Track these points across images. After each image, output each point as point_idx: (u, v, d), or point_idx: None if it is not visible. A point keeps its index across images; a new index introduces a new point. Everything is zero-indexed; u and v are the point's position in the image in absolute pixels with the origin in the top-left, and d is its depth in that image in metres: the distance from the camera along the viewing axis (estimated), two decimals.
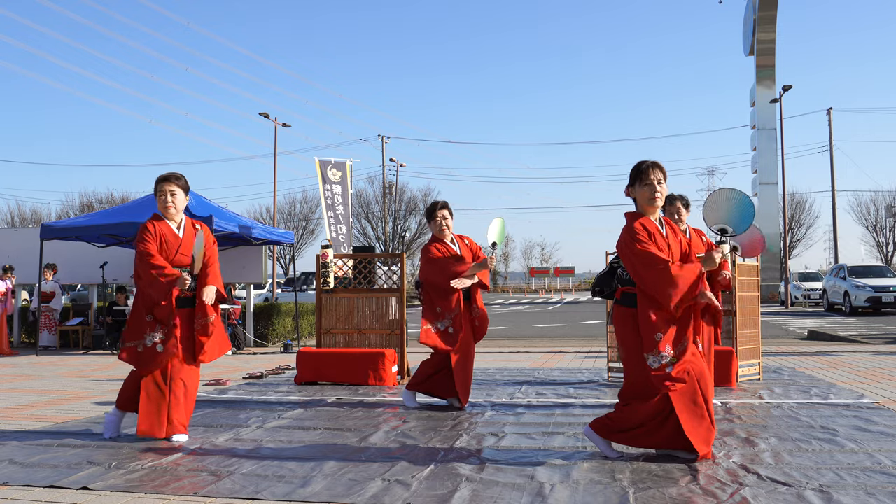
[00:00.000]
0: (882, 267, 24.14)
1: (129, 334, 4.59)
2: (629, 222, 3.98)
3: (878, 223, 45.97)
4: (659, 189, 3.96)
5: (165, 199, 4.65)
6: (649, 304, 3.82)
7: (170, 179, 4.67)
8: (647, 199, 3.97)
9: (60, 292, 13.41)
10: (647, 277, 3.81)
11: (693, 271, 3.83)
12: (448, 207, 5.99)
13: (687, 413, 3.80)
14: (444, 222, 5.90)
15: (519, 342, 13.71)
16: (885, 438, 4.40)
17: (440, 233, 5.91)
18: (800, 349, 10.97)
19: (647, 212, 4.01)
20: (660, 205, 4.00)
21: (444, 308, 5.66)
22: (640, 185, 3.99)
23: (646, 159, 4.03)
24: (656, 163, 4.01)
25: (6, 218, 48.82)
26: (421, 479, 3.55)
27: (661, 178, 3.98)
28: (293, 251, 18.71)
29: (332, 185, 12.20)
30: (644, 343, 3.80)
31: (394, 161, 46.99)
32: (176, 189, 4.68)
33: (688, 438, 3.78)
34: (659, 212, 4.05)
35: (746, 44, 38.22)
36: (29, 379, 8.27)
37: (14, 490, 3.47)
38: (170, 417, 4.55)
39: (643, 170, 3.99)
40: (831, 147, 36.82)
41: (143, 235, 4.58)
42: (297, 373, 7.44)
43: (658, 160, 4.02)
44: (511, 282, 71.73)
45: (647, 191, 3.97)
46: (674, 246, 3.97)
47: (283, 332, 13.96)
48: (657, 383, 3.75)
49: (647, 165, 3.99)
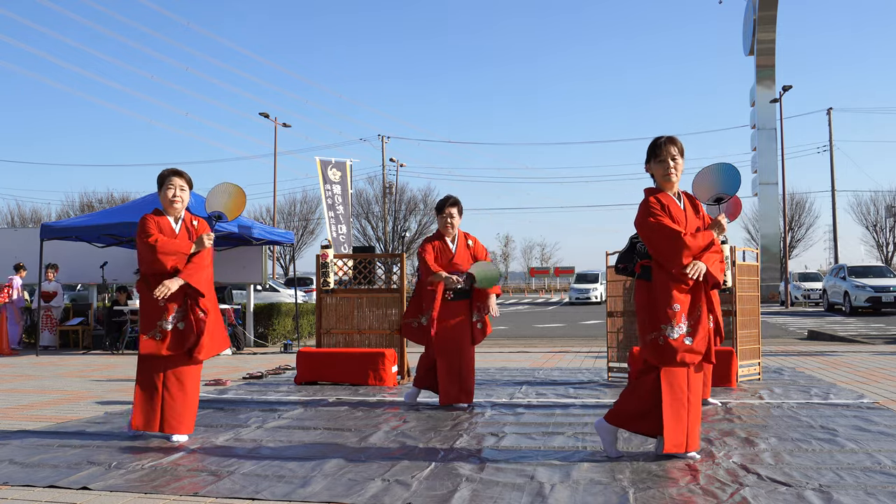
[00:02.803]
0: (882, 267, 24.13)
1: (144, 326, 4.59)
2: (645, 197, 4.03)
3: (878, 223, 45.99)
4: (673, 165, 3.98)
5: (174, 192, 4.64)
6: (666, 276, 3.87)
7: (180, 174, 4.69)
8: (662, 176, 4.00)
9: (62, 292, 13.42)
10: (660, 246, 3.87)
11: (706, 237, 3.91)
12: (459, 205, 6.01)
13: (671, 409, 3.83)
14: (451, 220, 5.91)
15: (519, 342, 13.71)
16: (885, 438, 4.40)
17: (444, 229, 5.93)
18: (800, 349, 10.97)
19: (664, 187, 4.03)
20: (675, 180, 4.01)
21: (427, 305, 5.77)
22: (656, 161, 4.01)
23: (662, 135, 4.04)
24: (672, 138, 4.03)
25: (6, 218, 48.85)
26: (421, 479, 3.55)
27: (676, 153, 3.99)
28: (293, 251, 18.71)
29: (332, 186, 12.21)
30: (661, 314, 3.83)
31: (394, 161, 47.03)
32: (184, 184, 4.70)
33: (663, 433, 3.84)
34: (677, 186, 4.05)
35: (746, 44, 38.22)
36: (29, 379, 8.27)
37: (14, 490, 3.47)
38: (164, 415, 4.55)
39: (658, 146, 4.01)
40: (831, 147, 36.84)
41: (144, 226, 4.58)
42: (297, 373, 7.44)
43: (674, 136, 4.03)
44: (511, 282, 71.75)
45: (661, 167, 4.00)
46: (691, 220, 3.99)
47: (283, 332, 13.96)
48: (674, 355, 3.79)
49: (662, 141, 4.01)
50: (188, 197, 4.74)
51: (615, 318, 7.45)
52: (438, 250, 5.88)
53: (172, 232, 4.65)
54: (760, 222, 39.77)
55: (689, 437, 3.86)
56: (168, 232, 4.63)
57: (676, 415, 3.83)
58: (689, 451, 3.88)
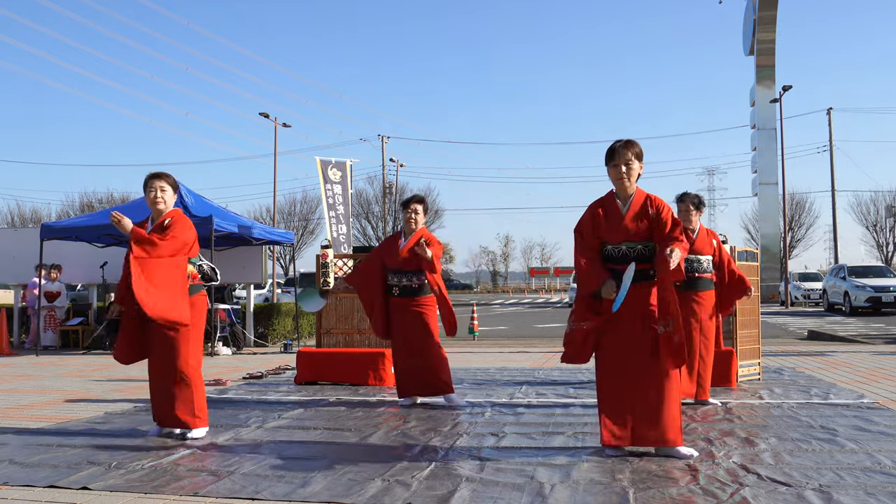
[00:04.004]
0: (882, 267, 24.14)
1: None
2: (593, 202, 4.17)
3: (878, 223, 45.98)
4: (626, 170, 4.02)
5: (155, 194, 4.76)
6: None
7: (159, 177, 4.80)
8: (616, 180, 4.08)
9: (65, 292, 13.42)
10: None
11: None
12: (424, 203, 6.06)
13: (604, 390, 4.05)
14: (414, 217, 5.94)
15: (519, 342, 13.71)
16: (885, 438, 4.40)
17: (406, 225, 5.98)
18: (800, 349, 10.97)
19: (617, 191, 4.12)
20: (627, 185, 4.05)
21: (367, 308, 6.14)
22: (611, 165, 4.07)
23: (620, 139, 4.08)
24: (629, 143, 4.06)
25: (6, 218, 48.87)
26: (421, 479, 3.55)
27: (631, 158, 4.02)
28: (293, 251, 18.71)
29: (332, 185, 12.23)
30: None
31: (394, 161, 47.00)
32: (165, 185, 4.78)
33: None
34: (632, 190, 4.08)
35: (746, 44, 38.20)
36: (29, 379, 8.27)
37: (14, 490, 3.47)
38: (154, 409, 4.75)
39: (613, 150, 4.05)
40: (831, 147, 36.82)
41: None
42: (297, 373, 7.44)
43: (633, 139, 4.07)
44: (511, 282, 71.76)
45: (615, 172, 4.06)
46: (629, 223, 4.03)
47: (283, 332, 13.96)
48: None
49: (618, 146, 4.05)
50: (172, 196, 4.82)
51: None
52: (390, 248, 5.99)
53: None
54: (760, 222, 39.78)
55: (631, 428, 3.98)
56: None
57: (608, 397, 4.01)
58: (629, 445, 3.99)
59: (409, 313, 5.87)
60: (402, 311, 5.89)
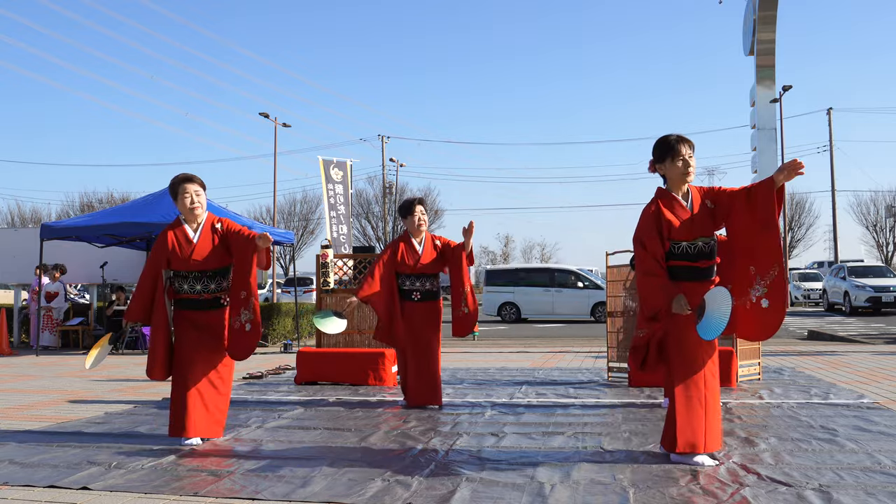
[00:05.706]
0: (882, 267, 24.13)
1: None
2: (649, 203, 3.97)
3: (878, 223, 45.97)
4: (691, 164, 3.91)
5: (191, 199, 4.51)
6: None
7: (192, 180, 4.55)
8: (680, 175, 3.91)
9: (64, 293, 13.41)
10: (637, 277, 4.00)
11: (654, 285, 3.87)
12: (425, 204, 5.98)
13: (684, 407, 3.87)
14: (422, 217, 5.81)
15: (519, 342, 13.71)
16: (885, 438, 4.40)
17: (414, 230, 5.82)
18: (800, 349, 10.97)
19: (677, 187, 3.94)
20: (691, 179, 3.95)
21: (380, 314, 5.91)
22: (672, 161, 3.91)
23: (670, 133, 3.96)
24: (684, 137, 3.95)
25: (6, 218, 48.86)
26: (421, 479, 3.55)
27: (692, 152, 3.94)
28: (293, 251, 18.70)
29: (334, 185, 12.23)
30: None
31: (394, 161, 47.00)
32: (199, 189, 4.57)
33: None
34: (687, 186, 3.96)
35: (746, 44, 37.96)
36: (29, 379, 8.27)
37: (14, 490, 3.47)
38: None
39: (672, 145, 3.91)
40: (831, 147, 36.83)
41: (154, 247, 4.60)
42: (297, 373, 7.44)
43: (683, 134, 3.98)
44: None
45: (679, 167, 3.90)
46: (698, 217, 3.90)
47: (283, 332, 13.96)
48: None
49: (675, 139, 3.92)
50: (205, 200, 4.62)
51: (615, 318, 7.45)
52: (403, 253, 5.79)
53: (189, 242, 4.52)
54: None
55: (707, 437, 3.78)
56: (184, 243, 4.52)
57: (691, 413, 3.76)
58: (707, 451, 3.79)
59: (429, 318, 5.75)
60: (422, 316, 5.73)
